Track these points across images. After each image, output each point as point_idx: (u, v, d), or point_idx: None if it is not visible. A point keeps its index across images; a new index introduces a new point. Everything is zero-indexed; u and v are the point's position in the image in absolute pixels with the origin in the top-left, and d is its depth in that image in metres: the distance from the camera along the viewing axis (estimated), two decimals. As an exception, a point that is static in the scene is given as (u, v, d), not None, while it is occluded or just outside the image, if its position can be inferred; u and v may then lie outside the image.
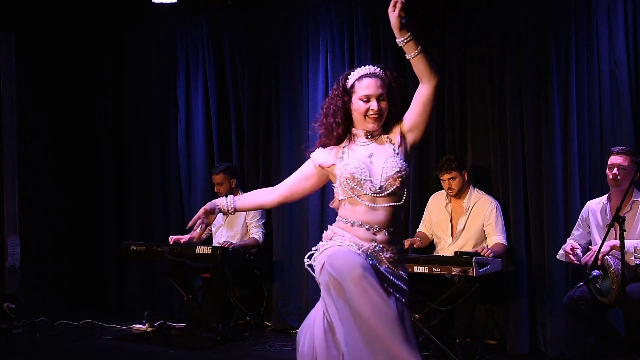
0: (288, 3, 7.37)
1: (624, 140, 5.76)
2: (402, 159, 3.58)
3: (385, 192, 3.55)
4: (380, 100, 3.60)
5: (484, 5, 6.44)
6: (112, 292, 8.38)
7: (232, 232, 7.23)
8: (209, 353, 6.49)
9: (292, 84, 7.37)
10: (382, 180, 3.54)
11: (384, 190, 3.54)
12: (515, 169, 6.25)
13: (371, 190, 3.55)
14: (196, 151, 7.92)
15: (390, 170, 3.54)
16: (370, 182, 3.55)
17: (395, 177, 3.53)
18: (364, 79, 3.64)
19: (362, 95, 3.61)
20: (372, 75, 3.64)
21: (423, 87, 3.55)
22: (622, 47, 5.82)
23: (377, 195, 3.55)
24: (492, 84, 6.42)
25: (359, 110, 3.62)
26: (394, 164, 3.55)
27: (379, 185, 3.54)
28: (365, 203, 3.58)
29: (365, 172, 3.56)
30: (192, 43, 7.94)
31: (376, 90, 3.60)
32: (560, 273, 5.97)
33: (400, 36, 3.47)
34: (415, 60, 3.50)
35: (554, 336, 6.03)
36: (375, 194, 3.55)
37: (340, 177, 3.62)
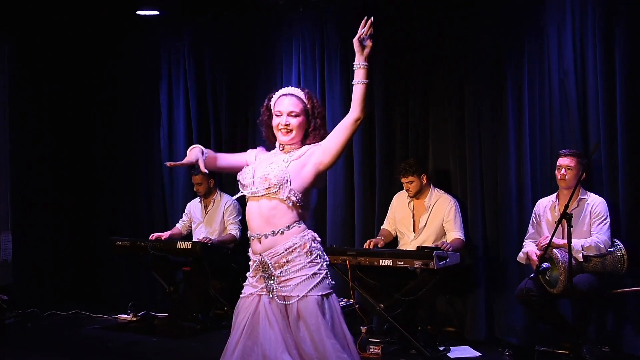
0: (263, 16, 7.43)
1: (571, 143, 5.86)
2: (284, 167, 3.55)
3: (257, 194, 3.55)
4: (292, 115, 3.63)
5: (447, 21, 6.55)
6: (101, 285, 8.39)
7: (211, 228, 7.28)
8: (190, 341, 6.54)
9: (267, 90, 7.31)
10: (256, 182, 3.57)
11: (257, 191, 3.56)
12: (473, 170, 6.35)
13: (249, 190, 3.60)
14: (178, 153, 7.94)
15: (261, 172, 3.57)
16: (252, 184, 3.59)
17: (263, 180, 3.53)
18: (281, 97, 3.71)
19: (276, 111, 3.68)
20: (288, 95, 3.71)
21: (348, 115, 3.53)
22: (570, 59, 5.92)
23: (253, 195, 3.58)
24: (452, 93, 6.52)
25: (273, 124, 3.68)
26: (269, 168, 3.56)
27: (254, 186, 3.58)
28: (249, 207, 3.63)
29: (249, 175, 3.63)
30: (174, 52, 7.98)
31: (288, 107, 3.64)
32: (514, 266, 6.07)
33: (358, 60, 3.52)
34: (356, 87, 3.51)
35: (508, 324, 6.12)
36: (252, 194, 3.58)
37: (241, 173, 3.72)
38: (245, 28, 7.56)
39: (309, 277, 3.50)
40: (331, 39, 7.05)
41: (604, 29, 5.72)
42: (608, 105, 5.71)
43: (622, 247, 5.40)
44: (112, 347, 6.37)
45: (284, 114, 3.65)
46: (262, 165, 3.65)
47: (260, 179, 3.55)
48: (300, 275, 3.50)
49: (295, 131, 3.63)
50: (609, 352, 5.66)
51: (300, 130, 3.65)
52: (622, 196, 5.67)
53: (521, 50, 6.18)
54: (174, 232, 7.40)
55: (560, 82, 6.00)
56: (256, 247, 3.62)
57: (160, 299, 7.55)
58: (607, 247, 5.36)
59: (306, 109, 3.68)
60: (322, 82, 7.12)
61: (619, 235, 5.54)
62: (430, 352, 5.74)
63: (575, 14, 5.90)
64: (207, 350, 6.22)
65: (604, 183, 5.77)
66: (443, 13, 6.58)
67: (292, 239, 3.53)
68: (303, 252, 3.53)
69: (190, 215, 7.49)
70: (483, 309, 6.25)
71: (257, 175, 3.60)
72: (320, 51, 7.13)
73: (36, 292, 7.89)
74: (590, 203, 5.53)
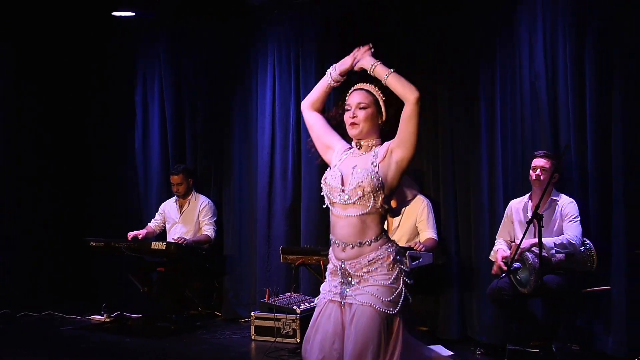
0: (239, 18, 7.41)
1: (542, 145, 5.89)
2: (374, 171, 3.40)
3: (350, 201, 3.40)
4: (360, 108, 3.50)
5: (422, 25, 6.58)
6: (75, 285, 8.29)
7: (186, 228, 7.25)
8: (164, 341, 6.49)
9: (243, 92, 7.42)
10: (348, 190, 3.41)
11: (349, 199, 3.40)
12: (445, 170, 6.38)
13: (339, 198, 3.43)
14: (152, 154, 7.93)
15: (355, 180, 3.39)
16: (341, 190, 3.43)
17: (356, 187, 3.37)
18: (352, 93, 3.58)
19: (347, 104, 3.56)
20: (358, 89, 3.58)
21: (407, 102, 3.40)
22: (541, 62, 5.96)
23: (345, 203, 3.42)
24: (425, 94, 6.46)
25: (345, 119, 3.56)
26: (361, 175, 3.39)
27: (346, 193, 3.41)
28: (336, 213, 3.47)
29: (337, 179, 3.46)
30: (149, 53, 7.96)
31: (356, 99, 3.52)
32: (486, 265, 6.09)
33: (368, 64, 3.50)
34: (391, 80, 3.44)
35: (480, 323, 6.15)
36: (343, 202, 3.42)
37: (322, 180, 3.56)
38: (222, 30, 7.55)
39: (381, 289, 3.35)
40: (307, 42, 7.05)
41: (574, 32, 5.78)
42: (578, 107, 5.77)
43: (591, 246, 5.45)
44: (85, 348, 6.30)
45: (352, 107, 3.53)
46: (347, 168, 3.48)
47: (353, 188, 3.39)
48: (374, 285, 3.36)
49: (362, 124, 3.50)
50: (578, 350, 5.70)
51: (369, 123, 3.50)
52: (591, 197, 5.72)
53: (493, 53, 6.22)
54: (147, 231, 7.35)
55: (531, 85, 6.04)
56: (339, 254, 3.46)
57: (135, 299, 7.48)
58: (579, 245, 5.41)
59: (376, 100, 3.54)
60: (297, 85, 7.12)
61: (588, 235, 5.58)
62: (403, 351, 5.72)
63: (546, 17, 5.95)
64: (181, 350, 6.19)
65: (574, 184, 5.82)
66: (417, 16, 6.60)
67: (378, 251, 3.40)
68: (385, 265, 3.39)
69: (165, 215, 7.45)
70: (455, 308, 6.28)
71: (348, 183, 3.42)
72: (295, 54, 7.14)
73: (9, 293, 7.79)
74: (560, 204, 5.57)
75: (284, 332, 6.19)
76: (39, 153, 8.31)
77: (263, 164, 7.22)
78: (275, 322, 6.22)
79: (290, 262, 6.22)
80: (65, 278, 8.27)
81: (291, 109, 7.14)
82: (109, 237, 7.36)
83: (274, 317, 6.23)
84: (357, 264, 3.40)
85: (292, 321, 6.18)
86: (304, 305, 6.29)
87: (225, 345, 6.36)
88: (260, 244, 7.20)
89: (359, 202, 3.39)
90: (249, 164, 7.40)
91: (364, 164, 3.46)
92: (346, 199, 3.41)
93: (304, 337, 3.57)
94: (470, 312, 6.28)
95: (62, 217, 8.38)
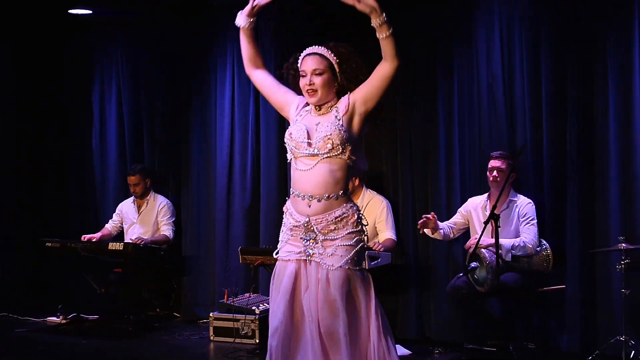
0: (197, 17, 7.36)
1: (499, 146, 5.95)
2: (340, 124, 3.47)
3: (318, 154, 3.46)
4: (316, 74, 3.53)
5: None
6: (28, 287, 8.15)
7: (144, 229, 7.18)
8: (122, 343, 6.41)
9: (201, 91, 7.38)
10: (315, 143, 3.46)
11: (317, 152, 3.46)
12: (404, 171, 6.41)
13: (306, 151, 3.48)
14: (109, 154, 7.84)
15: (323, 132, 3.45)
16: (308, 144, 3.48)
17: (326, 140, 3.43)
18: (305, 58, 3.61)
19: (301, 71, 3.58)
20: (311, 54, 3.60)
21: (385, 64, 3.50)
22: (498, 63, 6.03)
23: (311, 156, 3.47)
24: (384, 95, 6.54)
25: (301, 84, 3.57)
26: (328, 128, 3.45)
27: (313, 147, 3.47)
28: (301, 168, 3.51)
29: (303, 133, 3.50)
30: (106, 52, 7.86)
31: (311, 66, 3.54)
32: (443, 265, 6.16)
33: (375, 19, 3.55)
34: (385, 41, 3.51)
35: (438, 322, 6.20)
36: (310, 156, 3.48)
37: (285, 135, 3.59)
38: (180, 29, 7.49)
39: (347, 249, 3.44)
40: (266, 40, 7.02)
41: (530, 35, 5.87)
42: (534, 109, 5.86)
43: (548, 247, 5.53)
44: (41, 350, 6.20)
45: (308, 74, 3.54)
46: (310, 124, 3.53)
47: (321, 140, 3.44)
48: (341, 245, 3.44)
49: (320, 91, 3.52)
50: (534, 349, 5.77)
51: (326, 88, 3.53)
52: (547, 197, 5.81)
53: (451, 55, 6.27)
54: (104, 233, 7.26)
55: (488, 86, 6.09)
56: (303, 209, 3.50)
57: (91, 300, 7.39)
58: (535, 247, 5.48)
59: (331, 64, 3.57)
60: (257, 85, 7.08)
61: (543, 235, 5.66)
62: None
63: (503, 20, 6.02)
64: (139, 351, 6.13)
65: (530, 184, 5.90)
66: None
67: (343, 208, 3.48)
68: (350, 223, 3.48)
69: (122, 215, 7.37)
70: (414, 307, 6.32)
71: (315, 136, 3.47)
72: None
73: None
74: (518, 205, 5.64)
75: (243, 333, 6.16)
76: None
77: (222, 164, 7.18)
78: (234, 323, 6.19)
79: (249, 262, 6.21)
80: (20, 279, 8.12)
81: (250, 109, 7.11)
82: (65, 237, 7.26)
83: (232, 317, 6.20)
84: (323, 219, 3.46)
85: (251, 322, 6.15)
86: (263, 305, 6.26)
87: (184, 346, 6.31)
88: (219, 244, 7.17)
89: (327, 154, 3.45)
90: (207, 164, 7.35)
91: (326, 120, 3.51)
92: (314, 152, 3.46)
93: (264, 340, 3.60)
94: (428, 312, 6.32)
95: (17, 217, 8.22)
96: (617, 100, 5.55)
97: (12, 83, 8.16)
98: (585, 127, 5.67)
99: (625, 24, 5.51)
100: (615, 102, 5.55)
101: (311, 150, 3.47)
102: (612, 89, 5.56)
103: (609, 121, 5.57)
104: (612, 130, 5.55)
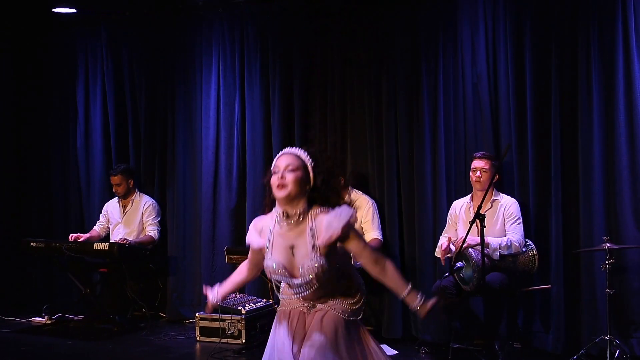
0: (183, 16, 7.34)
1: (485, 145, 5.99)
2: (319, 258, 3.32)
3: (305, 287, 3.39)
4: (288, 170, 3.34)
5: (365, 24, 6.60)
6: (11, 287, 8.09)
7: (129, 229, 7.14)
8: (107, 343, 6.39)
9: (187, 90, 7.35)
10: (302, 280, 3.36)
11: (305, 287, 3.38)
12: (390, 171, 6.41)
13: (294, 287, 3.41)
14: (94, 153, 7.78)
15: (308, 271, 3.32)
16: (292, 281, 3.39)
17: (312, 279, 3.33)
18: (280, 157, 3.45)
19: (274, 167, 3.41)
20: (286, 153, 3.44)
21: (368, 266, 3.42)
22: (483, 63, 6.06)
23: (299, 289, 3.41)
24: (370, 96, 6.58)
25: (272, 182, 3.39)
26: (311, 266, 3.32)
27: (299, 284, 3.38)
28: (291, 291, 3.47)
29: (282, 271, 3.39)
30: (91, 51, 7.81)
31: (284, 162, 3.37)
32: (429, 265, 6.16)
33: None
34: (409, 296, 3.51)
35: (423, 322, 6.17)
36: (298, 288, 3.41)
37: (265, 270, 3.49)
38: (165, 28, 7.46)
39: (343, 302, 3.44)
40: (251, 40, 7.02)
41: (515, 34, 5.92)
42: (519, 109, 5.89)
43: (533, 247, 5.55)
44: (25, 351, 6.17)
45: (280, 170, 3.36)
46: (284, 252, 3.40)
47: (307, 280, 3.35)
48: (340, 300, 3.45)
49: (291, 186, 3.32)
50: (519, 348, 5.80)
51: (297, 186, 3.33)
52: (532, 197, 5.84)
53: (436, 55, 6.28)
54: (92, 235, 7.23)
55: (473, 86, 6.13)
56: (296, 304, 3.49)
57: (76, 301, 7.35)
58: (521, 246, 5.50)
59: (304, 165, 3.39)
60: (242, 82, 7.08)
61: (528, 234, 5.69)
62: (348, 350, 5.73)
63: (488, 20, 6.06)
64: (124, 352, 6.11)
65: (515, 184, 5.92)
66: (360, 20, 6.63)
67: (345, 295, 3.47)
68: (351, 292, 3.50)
69: (108, 215, 7.34)
70: (399, 307, 6.30)
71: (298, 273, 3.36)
72: (240, 52, 7.09)
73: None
74: (503, 204, 5.65)
75: (229, 333, 6.15)
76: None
77: (207, 164, 7.16)
78: (220, 323, 6.18)
79: (235, 262, 6.18)
80: (4, 280, 8.07)
81: (236, 109, 7.09)
82: (49, 237, 7.20)
83: (218, 317, 6.19)
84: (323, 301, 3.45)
85: (237, 322, 6.14)
86: (249, 305, 6.26)
87: (170, 346, 6.29)
88: (204, 244, 7.15)
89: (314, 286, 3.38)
90: (193, 163, 7.33)
91: (302, 245, 3.37)
92: (303, 288, 3.40)
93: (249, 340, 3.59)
94: (414, 312, 6.29)
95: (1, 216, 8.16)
96: (600, 100, 5.59)
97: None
98: (569, 127, 5.73)
99: (608, 24, 5.58)
100: (599, 102, 5.60)
101: (298, 288, 3.41)
102: (595, 90, 5.60)
103: (593, 121, 5.62)
104: (596, 130, 5.61)
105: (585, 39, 5.65)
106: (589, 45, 5.63)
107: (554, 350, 5.68)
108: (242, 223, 6.99)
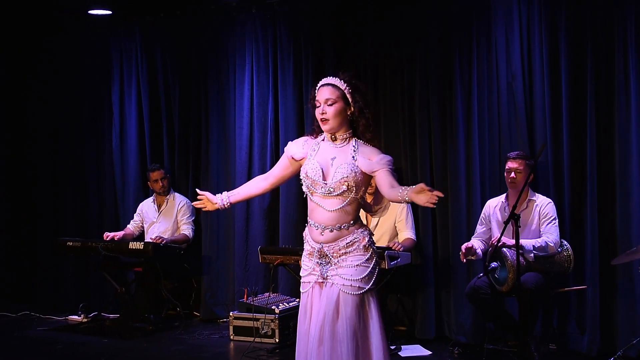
0: (216, 16, 7.37)
1: (519, 145, 5.93)
2: (356, 165, 3.61)
3: (332, 194, 3.61)
4: (329, 104, 3.65)
5: (397, 23, 6.56)
6: (48, 286, 8.19)
7: (164, 227, 7.19)
8: (141, 342, 6.44)
9: (220, 91, 7.38)
10: (331, 181, 3.62)
11: (332, 192, 3.61)
12: (424, 170, 6.38)
13: (322, 190, 3.63)
14: (129, 153, 7.84)
15: (340, 174, 3.60)
16: (323, 182, 3.63)
17: (342, 181, 3.59)
18: (320, 89, 3.74)
19: (316, 101, 3.72)
20: (325, 84, 3.72)
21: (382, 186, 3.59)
22: (518, 62, 5.99)
23: (326, 195, 3.63)
24: (403, 95, 6.54)
25: (316, 114, 3.72)
26: (344, 169, 3.60)
27: (328, 187, 3.62)
28: (316, 201, 3.67)
29: (319, 173, 3.64)
30: (125, 52, 7.86)
31: (324, 96, 3.67)
32: (463, 265, 6.11)
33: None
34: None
35: (457, 322, 6.16)
36: (325, 193, 3.63)
37: (301, 173, 3.73)
38: (199, 28, 7.49)
39: (359, 270, 3.61)
40: (284, 40, 7.03)
41: (550, 33, 5.85)
42: (554, 108, 5.82)
43: (569, 247, 5.48)
44: (61, 349, 6.24)
45: (321, 104, 3.68)
46: (325, 160, 3.68)
47: (337, 181, 3.60)
48: (353, 266, 3.61)
49: (332, 120, 3.66)
50: (555, 350, 5.74)
51: (339, 117, 3.66)
52: (567, 197, 5.76)
53: (470, 54, 6.23)
54: (126, 233, 7.28)
55: (508, 85, 6.07)
56: (317, 237, 3.68)
57: (111, 299, 7.42)
58: (557, 247, 5.44)
59: (343, 94, 3.68)
60: (275, 83, 7.08)
61: (563, 235, 5.62)
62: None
63: (522, 18, 5.99)
64: (158, 350, 6.15)
65: (550, 184, 5.85)
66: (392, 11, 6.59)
67: (354, 234, 3.64)
68: (361, 246, 3.64)
69: (143, 215, 7.39)
70: (433, 307, 6.29)
71: (330, 176, 3.63)
72: (273, 52, 7.10)
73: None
74: (539, 204, 5.60)
75: (262, 332, 6.16)
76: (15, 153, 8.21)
77: (241, 164, 7.17)
78: (254, 322, 6.20)
79: (268, 262, 6.20)
80: (41, 279, 8.17)
81: (269, 109, 7.10)
82: (85, 236, 7.26)
83: (252, 317, 6.21)
84: (335, 246, 3.64)
85: (270, 321, 6.15)
86: (282, 305, 6.26)
87: (204, 345, 6.32)
88: (238, 243, 7.16)
89: (341, 194, 3.62)
90: (226, 163, 7.35)
91: (343, 156, 3.68)
92: (330, 191, 3.63)
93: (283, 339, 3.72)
94: (447, 312, 6.29)
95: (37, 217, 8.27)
96: (638, 99, 5.50)
97: (30, 82, 8.19)
98: (605, 127, 5.64)
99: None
100: (637, 100, 5.51)
101: (327, 189, 3.63)
102: (633, 89, 5.52)
103: (631, 120, 5.54)
104: (634, 130, 5.52)
105: (622, 37, 5.56)
106: (625, 44, 5.55)
107: (588, 352, 5.60)
108: (275, 223, 7.00)
